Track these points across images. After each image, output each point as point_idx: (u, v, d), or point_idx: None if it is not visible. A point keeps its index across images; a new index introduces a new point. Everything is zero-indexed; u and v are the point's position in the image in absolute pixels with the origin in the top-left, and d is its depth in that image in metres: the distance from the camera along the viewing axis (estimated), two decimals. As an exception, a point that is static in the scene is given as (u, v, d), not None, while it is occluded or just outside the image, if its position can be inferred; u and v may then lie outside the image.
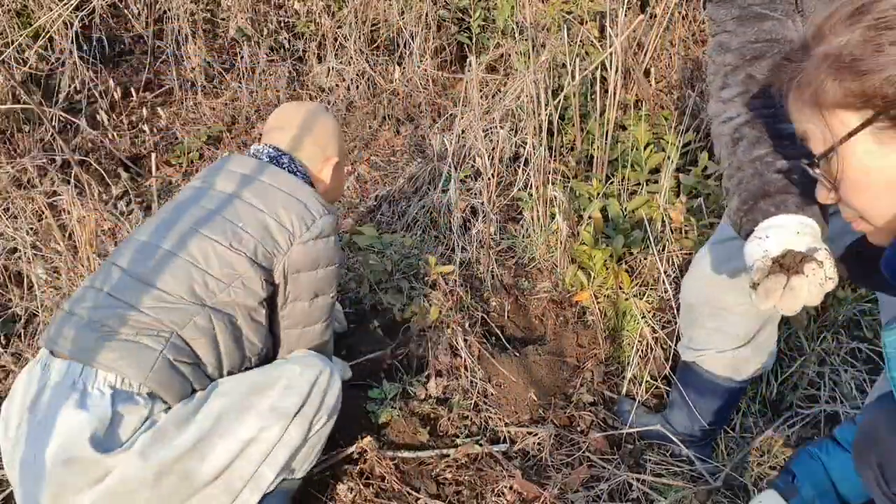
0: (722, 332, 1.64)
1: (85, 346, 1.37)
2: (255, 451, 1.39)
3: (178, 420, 1.35)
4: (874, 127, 0.83)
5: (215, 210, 1.53)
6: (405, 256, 2.38)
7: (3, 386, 2.04)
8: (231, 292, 1.46)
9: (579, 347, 2.22)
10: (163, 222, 1.54)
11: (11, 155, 2.90)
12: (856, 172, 0.88)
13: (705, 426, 1.79)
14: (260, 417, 1.39)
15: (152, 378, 1.35)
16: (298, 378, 1.45)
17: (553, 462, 1.82)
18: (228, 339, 1.47)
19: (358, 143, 3.33)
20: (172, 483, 1.32)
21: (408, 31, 3.57)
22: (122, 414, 1.33)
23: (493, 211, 2.52)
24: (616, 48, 2.44)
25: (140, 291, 1.43)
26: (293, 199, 1.56)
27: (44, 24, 3.00)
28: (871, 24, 0.82)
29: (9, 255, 2.29)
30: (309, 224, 1.54)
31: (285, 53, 3.62)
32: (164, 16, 3.42)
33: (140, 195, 2.79)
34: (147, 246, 1.50)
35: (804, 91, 0.89)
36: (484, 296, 2.31)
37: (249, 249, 1.49)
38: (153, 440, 1.32)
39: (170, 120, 3.29)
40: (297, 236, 1.52)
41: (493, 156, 2.58)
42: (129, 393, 1.35)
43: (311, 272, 1.56)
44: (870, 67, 0.81)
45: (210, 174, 1.64)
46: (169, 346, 1.38)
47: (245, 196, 1.55)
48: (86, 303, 1.44)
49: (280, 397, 1.42)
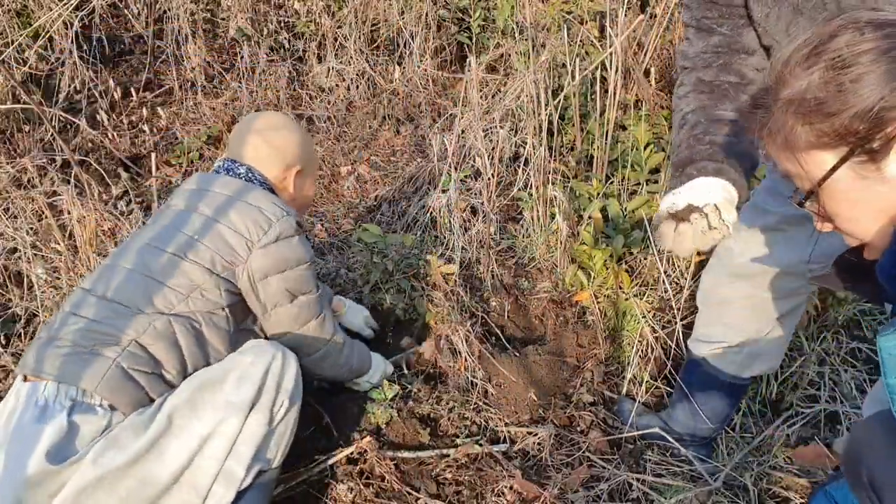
0: (728, 326, 1.67)
1: (41, 361, 1.38)
2: (216, 446, 1.36)
3: (132, 425, 1.35)
4: (852, 162, 0.84)
5: (171, 225, 1.56)
6: (405, 256, 2.37)
7: (3, 385, 2.04)
8: (190, 302, 1.48)
9: (579, 347, 2.22)
10: (124, 245, 1.60)
11: (11, 155, 2.90)
12: (843, 206, 0.88)
13: (707, 425, 1.79)
14: (215, 412, 1.36)
15: (103, 386, 1.35)
16: (250, 367, 1.42)
17: (553, 462, 1.82)
18: (191, 344, 1.47)
19: (358, 143, 3.33)
20: (131, 487, 1.31)
21: (408, 31, 3.57)
22: (78, 424, 1.33)
23: (493, 211, 2.52)
24: (616, 48, 2.44)
25: (99, 306, 1.46)
26: (245, 203, 1.56)
27: (44, 24, 3.00)
28: (828, 65, 0.82)
29: (9, 255, 2.29)
30: (266, 228, 1.54)
31: (285, 53, 3.62)
32: (164, 16, 3.42)
33: (140, 195, 2.79)
34: (109, 268, 1.54)
35: (776, 137, 0.89)
36: (484, 296, 2.31)
37: (206, 260, 1.51)
38: (106, 447, 1.31)
39: (170, 120, 3.29)
40: (255, 242, 1.53)
41: (493, 156, 2.58)
42: (88, 404, 1.36)
43: (280, 275, 1.56)
44: (836, 108, 0.81)
45: (171, 196, 1.68)
46: (125, 354, 1.39)
47: (199, 209, 1.57)
48: (54, 325, 1.47)
49: (233, 389, 1.39)
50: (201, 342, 1.49)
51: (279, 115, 1.85)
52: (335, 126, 3.39)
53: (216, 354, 1.52)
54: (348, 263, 2.43)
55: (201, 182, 1.65)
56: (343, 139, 3.35)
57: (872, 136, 0.80)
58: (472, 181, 2.73)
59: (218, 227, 1.53)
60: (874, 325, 2.15)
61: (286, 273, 1.57)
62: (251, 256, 1.53)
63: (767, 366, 1.73)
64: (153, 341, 1.42)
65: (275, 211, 1.57)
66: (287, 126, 1.77)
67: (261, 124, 1.74)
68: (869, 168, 0.83)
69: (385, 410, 1.84)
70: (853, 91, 0.80)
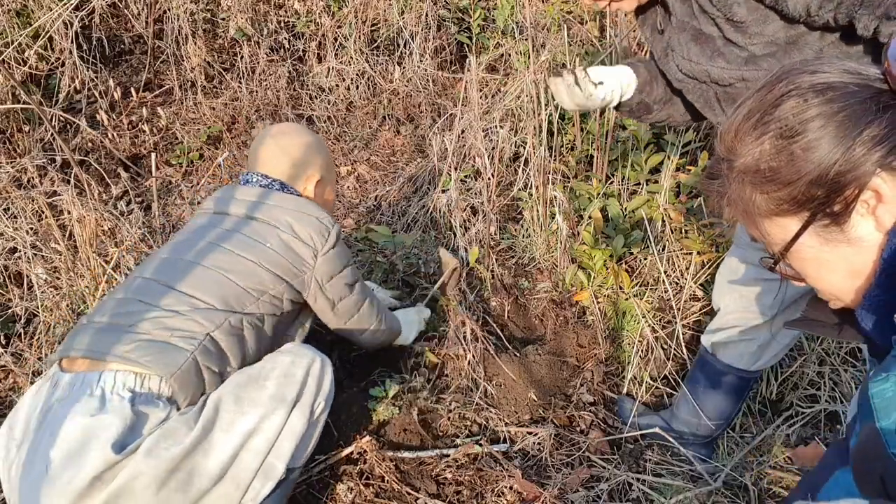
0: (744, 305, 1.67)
1: (105, 344, 1.39)
2: (259, 441, 1.40)
3: (185, 419, 1.37)
4: (815, 227, 0.84)
5: (234, 229, 1.64)
6: (405, 257, 2.38)
7: (3, 385, 2.04)
8: (260, 305, 1.57)
9: (579, 347, 2.22)
10: (184, 240, 1.64)
11: (11, 155, 2.90)
12: (812, 267, 0.89)
13: (710, 423, 1.80)
14: (260, 407, 1.41)
15: (178, 377, 1.38)
16: (291, 367, 1.48)
17: (553, 462, 1.82)
18: (254, 342, 1.55)
19: (358, 143, 3.33)
20: (180, 480, 1.33)
21: (408, 31, 3.57)
22: (144, 414, 1.35)
23: (493, 211, 2.52)
24: (616, 48, 2.44)
25: (172, 296, 1.49)
26: (305, 215, 1.68)
27: (44, 23, 3.00)
28: (777, 134, 0.81)
29: (9, 255, 2.29)
30: (326, 236, 1.68)
31: (285, 53, 3.62)
32: (164, 16, 3.42)
33: (140, 195, 2.79)
34: (170, 261, 1.58)
35: (737, 206, 0.90)
36: (484, 296, 2.31)
37: (279, 267, 1.61)
38: (160, 438, 1.32)
39: (170, 120, 3.29)
40: (319, 250, 1.66)
41: (493, 156, 2.58)
42: (148, 396, 1.37)
43: (340, 274, 1.72)
44: (791, 177, 0.81)
45: (220, 202, 1.74)
46: (201, 349, 1.43)
47: (261, 217, 1.66)
48: (106, 310, 1.48)
49: (277, 386, 1.44)
50: (260, 336, 1.57)
51: (296, 126, 1.91)
52: (335, 126, 3.39)
53: (266, 345, 1.60)
54: (355, 261, 2.42)
55: (252, 194, 1.72)
56: (343, 139, 3.35)
57: (832, 200, 0.80)
58: (472, 181, 2.73)
59: (285, 236, 1.64)
60: (874, 325, 2.15)
61: (344, 272, 1.73)
62: (317, 262, 1.66)
63: (774, 357, 1.74)
64: (225, 337, 1.48)
65: (328, 219, 1.71)
66: (305, 136, 1.84)
67: (281, 138, 1.81)
68: (833, 231, 0.83)
69: (387, 408, 1.84)
70: (806, 158, 0.80)
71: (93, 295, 2.07)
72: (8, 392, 2.03)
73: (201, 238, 1.63)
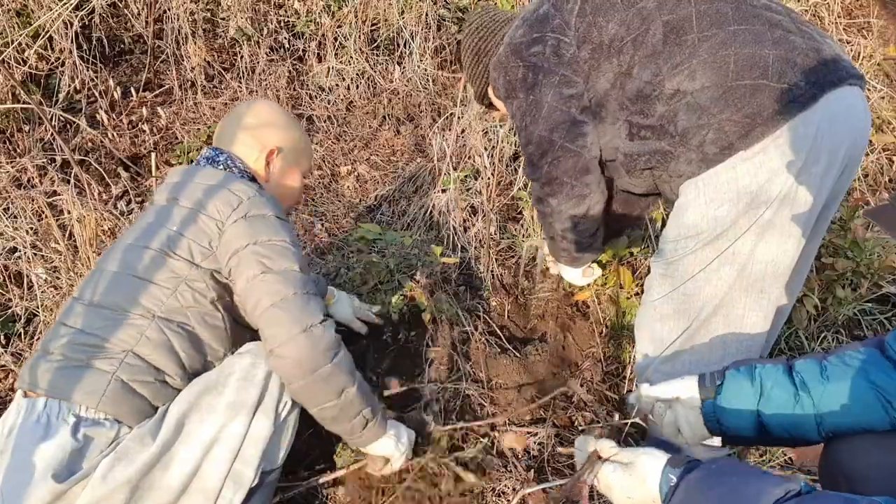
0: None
1: (40, 378, 1.35)
2: (221, 450, 1.36)
3: (139, 437, 1.33)
4: None
5: (154, 222, 1.53)
6: (404, 257, 2.37)
7: (3, 385, 2.04)
8: (178, 297, 1.44)
9: (579, 347, 2.22)
10: (111, 248, 1.55)
11: (11, 155, 2.89)
12: None
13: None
14: (218, 416, 1.36)
15: (105, 402, 1.33)
16: (251, 368, 1.41)
17: (553, 462, 1.82)
18: (188, 348, 1.44)
19: (358, 142, 3.33)
20: (142, 498, 1.31)
21: (408, 30, 3.57)
22: (87, 439, 1.31)
23: (493, 211, 2.52)
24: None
25: (90, 315, 1.42)
26: (217, 187, 1.52)
27: (44, 23, 2.99)
28: None
29: (9, 255, 2.29)
30: (235, 205, 1.48)
31: (285, 53, 3.61)
32: (164, 15, 3.41)
33: (140, 195, 2.79)
34: (96, 272, 1.51)
35: None
36: (484, 296, 2.31)
37: (185, 250, 1.47)
38: (115, 461, 1.29)
39: (170, 120, 3.29)
40: (224, 221, 1.47)
41: (493, 155, 2.58)
42: (93, 419, 1.33)
43: (251, 247, 1.44)
44: None
45: (155, 192, 1.64)
46: (123, 366, 1.36)
47: (181, 202, 1.54)
48: (47, 337, 1.44)
49: (236, 391, 1.38)
50: (197, 344, 1.47)
51: (261, 100, 1.79)
52: (335, 126, 3.39)
53: (214, 354, 1.50)
54: (348, 263, 2.42)
55: (183, 175, 1.60)
56: (343, 139, 3.35)
57: None
58: (472, 181, 2.73)
59: (195, 214, 1.49)
60: (874, 324, 2.15)
61: (257, 246, 1.45)
62: (223, 234, 1.46)
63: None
64: (150, 350, 1.39)
65: (246, 190, 1.52)
66: (269, 109, 1.74)
67: (242, 109, 1.72)
68: None
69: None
70: None
71: (93, 295, 2.06)
72: (8, 392, 2.03)
73: (123, 240, 1.54)
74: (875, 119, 3.08)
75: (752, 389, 1.17)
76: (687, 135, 1.46)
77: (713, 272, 1.51)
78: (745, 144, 1.40)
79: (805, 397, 1.13)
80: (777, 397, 1.16)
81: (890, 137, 3.00)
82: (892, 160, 2.98)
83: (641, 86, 1.51)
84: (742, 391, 1.18)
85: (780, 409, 1.15)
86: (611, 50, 1.55)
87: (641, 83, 1.51)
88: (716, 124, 1.42)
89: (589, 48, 1.58)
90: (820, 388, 1.13)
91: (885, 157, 2.96)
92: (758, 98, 1.40)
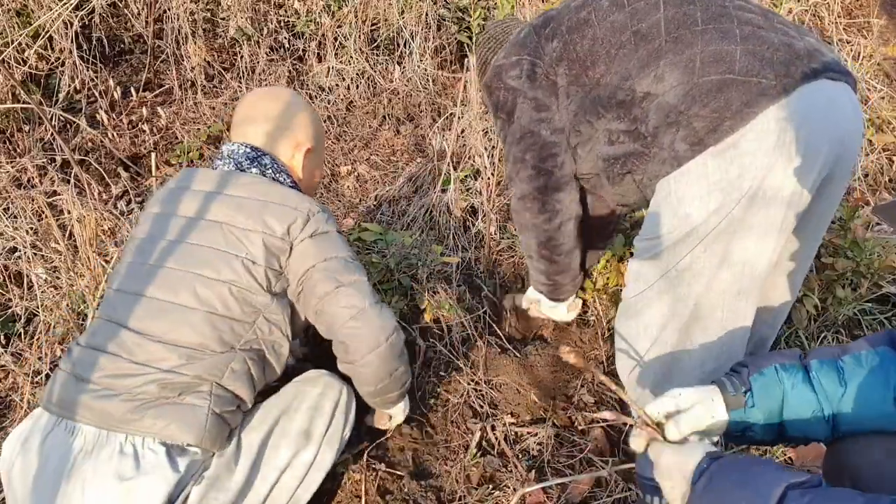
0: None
1: (121, 416, 1.30)
2: (289, 478, 1.42)
3: (225, 463, 1.37)
4: None
5: (207, 245, 1.42)
6: (405, 257, 2.37)
7: (3, 385, 2.04)
8: (256, 330, 1.43)
9: (579, 347, 2.22)
10: (153, 268, 1.42)
11: (11, 155, 2.90)
12: None
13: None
14: (291, 442, 1.42)
15: (208, 436, 1.32)
16: (321, 399, 1.48)
17: (553, 462, 1.82)
18: (260, 373, 1.46)
19: (358, 142, 3.33)
20: None
21: (408, 30, 3.57)
22: (183, 465, 1.31)
23: (492, 210, 2.52)
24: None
25: (167, 352, 1.35)
26: (277, 204, 1.47)
27: (44, 23, 2.99)
28: None
29: (9, 255, 2.29)
30: (302, 225, 1.47)
31: (285, 53, 3.61)
32: (164, 15, 3.41)
33: (140, 195, 2.79)
34: (151, 301, 1.39)
35: None
36: (484, 295, 2.31)
37: (263, 279, 1.42)
38: (208, 489, 1.32)
39: (170, 120, 3.29)
40: (293, 242, 1.46)
41: (493, 155, 2.58)
42: (181, 447, 1.32)
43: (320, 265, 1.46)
44: None
45: (171, 197, 1.51)
46: (214, 399, 1.35)
47: (238, 220, 1.44)
48: (100, 370, 1.34)
49: (307, 421, 1.45)
50: (267, 369, 1.49)
51: (286, 90, 1.72)
52: (335, 126, 3.39)
53: (273, 375, 1.53)
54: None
55: (219, 181, 1.50)
56: (343, 139, 3.35)
57: None
58: (471, 181, 2.73)
59: (262, 237, 1.43)
60: (874, 324, 2.15)
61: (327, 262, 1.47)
62: (292, 255, 1.46)
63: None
64: (233, 381, 1.38)
65: (306, 206, 1.48)
66: (298, 102, 1.67)
67: (273, 102, 1.63)
68: None
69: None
70: None
71: (93, 294, 2.06)
72: (8, 392, 2.03)
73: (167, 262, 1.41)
74: (875, 119, 3.08)
75: (779, 396, 1.16)
76: (658, 134, 1.46)
77: (685, 270, 1.49)
78: (715, 139, 1.39)
79: (824, 402, 1.13)
80: (796, 403, 1.15)
81: (890, 137, 3.00)
82: (892, 160, 2.97)
83: (614, 92, 1.53)
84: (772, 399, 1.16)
85: (800, 414, 1.15)
86: (586, 64, 1.58)
87: (614, 89, 1.53)
88: (685, 121, 1.42)
89: (565, 65, 1.63)
90: (839, 393, 1.13)
91: (885, 158, 2.95)
92: (725, 93, 1.39)
